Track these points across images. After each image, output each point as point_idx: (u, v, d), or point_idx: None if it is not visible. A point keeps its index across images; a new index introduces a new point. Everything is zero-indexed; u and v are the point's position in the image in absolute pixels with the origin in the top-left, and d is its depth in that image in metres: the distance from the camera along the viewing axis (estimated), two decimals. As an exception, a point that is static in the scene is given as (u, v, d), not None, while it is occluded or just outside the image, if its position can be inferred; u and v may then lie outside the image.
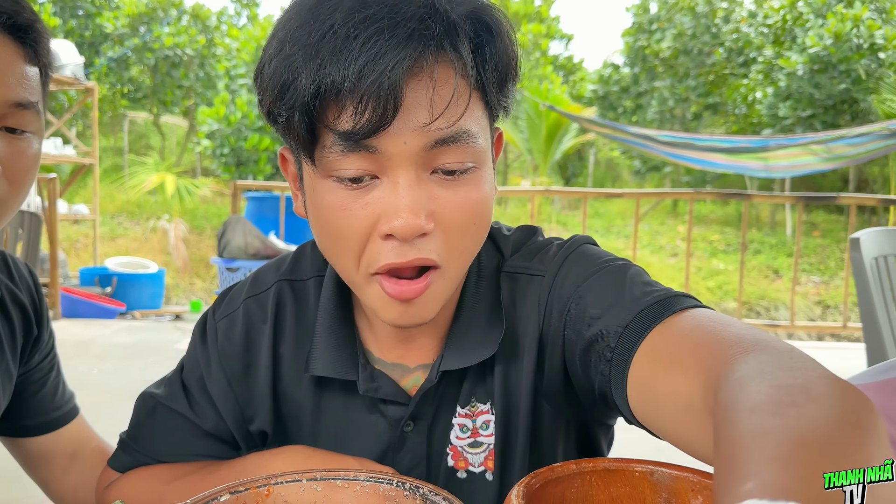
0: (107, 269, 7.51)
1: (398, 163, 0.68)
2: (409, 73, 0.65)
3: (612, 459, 0.68)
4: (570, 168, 15.66)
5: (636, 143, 6.29)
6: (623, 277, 0.78)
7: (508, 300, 0.85)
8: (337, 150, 0.68)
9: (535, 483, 0.63)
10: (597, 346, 0.75)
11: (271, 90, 0.69)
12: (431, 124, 0.66)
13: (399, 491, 0.62)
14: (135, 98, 14.92)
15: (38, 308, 1.10)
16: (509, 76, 0.73)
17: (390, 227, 0.68)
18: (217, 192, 13.58)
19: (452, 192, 0.70)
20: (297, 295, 0.90)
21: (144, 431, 0.90)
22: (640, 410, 0.71)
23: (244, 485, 0.62)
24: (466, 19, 0.68)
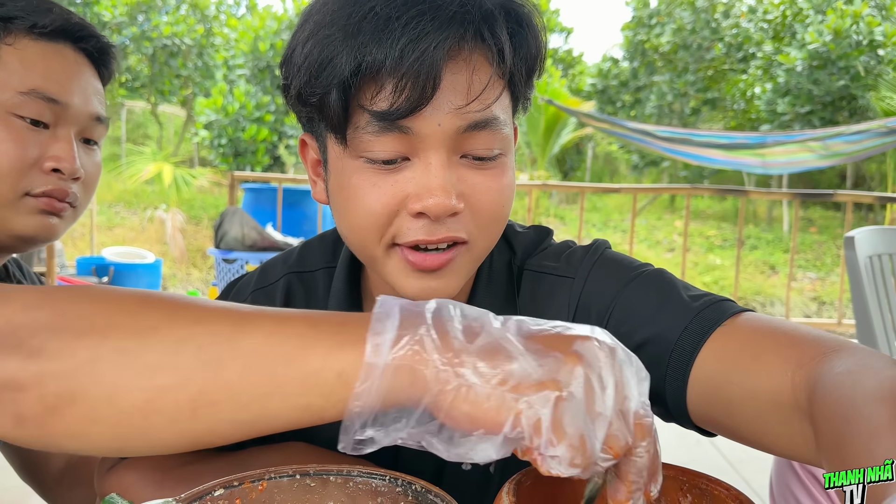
0: (104, 258, 7.50)
1: (431, 144, 0.70)
2: (448, 56, 0.67)
3: None
4: (568, 162, 15.64)
5: (634, 138, 6.30)
6: (666, 283, 0.81)
7: (530, 298, 0.87)
8: (371, 131, 0.69)
9: (527, 480, 0.64)
10: (648, 349, 0.77)
11: (305, 70, 0.70)
12: (466, 107, 0.68)
13: (391, 487, 0.63)
14: (132, 87, 14.85)
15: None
16: (535, 68, 0.75)
17: (423, 206, 0.70)
18: (214, 183, 13.56)
19: (482, 176, 0.73)
20: (305, 286, 0.92)
21: None
22: (703, 410, 0.73)
23: (238, 479, 0.62)
24: (500, 8, 0.70)
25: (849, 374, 0.56)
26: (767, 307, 10.45)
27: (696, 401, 0.73)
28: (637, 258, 0.90)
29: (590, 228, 12.91)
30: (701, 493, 0.63)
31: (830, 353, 0.61)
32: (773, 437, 0.66)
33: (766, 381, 0.65)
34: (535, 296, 0.87)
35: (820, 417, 0.55)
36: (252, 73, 12.84)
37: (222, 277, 5.11)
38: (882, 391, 0.51)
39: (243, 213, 4.86)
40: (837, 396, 0.54)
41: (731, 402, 0.69)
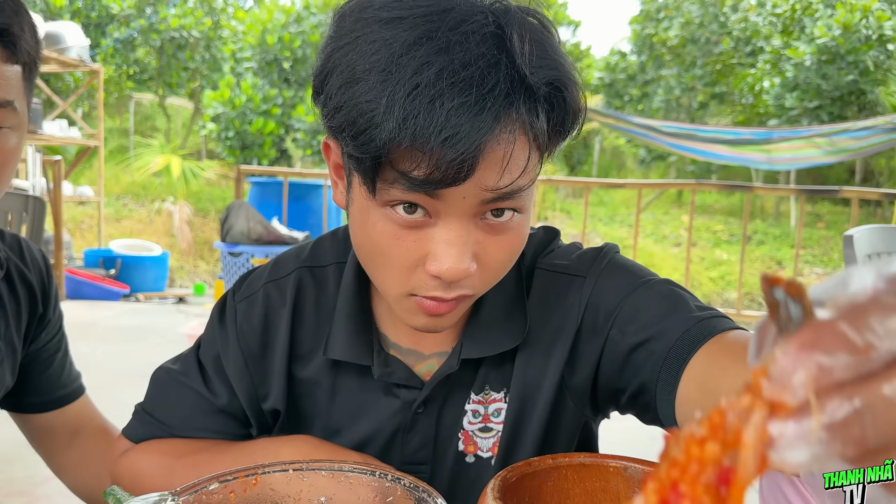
0: (111, 251, 7.54)
1: (454, 212, 0.70)
2: (488, 141, 0.66)
3: (587, 455, 0.71)
4: (575, 156, 15.60)
5: (640, 133, 6.28)
6: (674, 292, 0.85)
7: (541, 295, 0.89)
8: (399, 188, 0.69)
9: (512, 477, 0.66)
10: (648, 345, 0.80)
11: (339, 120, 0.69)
12: (496, 188, 0.68)
13: (381, 481, 0.65)
14: (140, 79, 14.89)
15: (45, 289, 1.14)
16: (570, 132, 0.75)
17: (439, 271, 0.71)
18: (222, 176, 13.59)
19: (498, 238, 0.74)
20: (317, 281, 0.93)
21: (159, 404, 0.94)
22: (691, 408, 0.74)
23: (232, 474, 0.64)
24: (545, 85, 0.68)
25: None
26: (774, 302, 10.40)
27: (685, 400, 0.75)
28: (643, 253, 0.93)
29: (596, 223, 12.89)
30: (681, 490, 0.65)
31: None
32: None
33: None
34: (546, 294, 0.89)
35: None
36: (259, 66, 12.85)
37: (228, 271, 5.13)
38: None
39: (249, 207, 4.88)
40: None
41: (720, 391, 0.70)
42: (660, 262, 10.78)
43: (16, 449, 2.50)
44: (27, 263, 1.12)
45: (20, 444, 1.26)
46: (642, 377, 0.81)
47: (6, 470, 2.48)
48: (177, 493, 0.61)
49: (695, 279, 10.26)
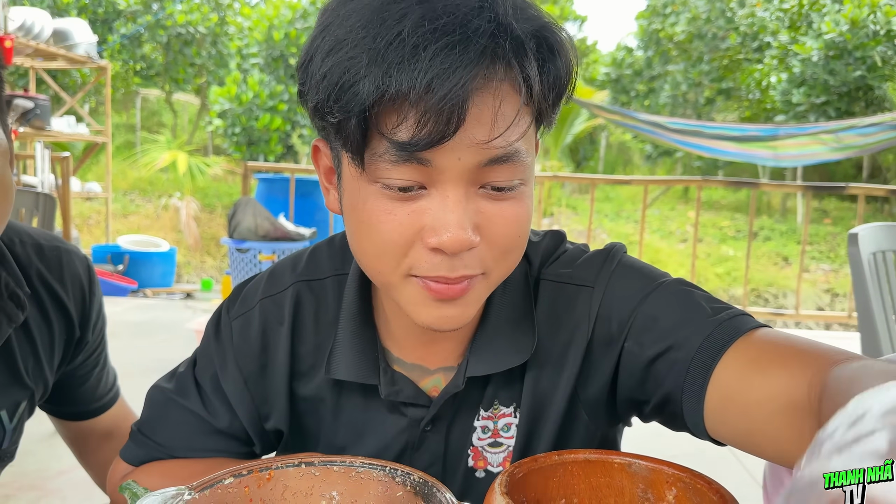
0: (119, 247, 7.59)
1: (449, 177, 0.67)
2: (475, 90, 0.64)
3: (592, 451, 0.72)
4: (581, 152, 15.59)
5: (645, 129, 6.28)
6: (687, 294, 0.81)
7: (549, 308, 0.85)
8: (389, 159, 0.67)
9: (518, 473, 0.67)
10: (669, 356, 0.77)
11: (325, 89, 0.67)
12: (489, 143, 0.66)
13: (391, 477, 0.66)
14: (147, 75, 14.94)
15: (86, 309, 1.09)
16: (564, 94, 0.72)
17: (438, 242, 0.68)
18: (228, 171, 13.63)
19: (499, 208, 0.71)
20: (315, 294, 0.89)
21: (157, 426, 0.90)
22: (719, 415, 0.73)
23: (247, 468, 0.66)
24: (532, 37, 0.67)
25: (859, 367, 0.58)
26: (780, 298, 10.41)
27: (713, 405, 0.73)
28: (649, 249, 0.90)
29: (602, 219, 12.88)
30: (685, 486, 0.66)
31: (847, 360, 0.62)
32: (785, 440, 0.66)
33: (786, 384, 0.66)
34: (554, 306, 0.85)
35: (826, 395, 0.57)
36: (266, 62, 12.86)
37: (236, 267, 5.16)
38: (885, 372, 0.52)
39: (256, 203, 4.91)
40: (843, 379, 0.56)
41: (747, 404, 0.70)
42: (666, 258, 10.77)
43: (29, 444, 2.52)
44: (66, 284, 1.06)
45: (33, 440, 1.27)
46: (666, 388, 0.78)
47: (19, 463, 2.50)
48: (193, 488, 0.62)
49: (701, 275, 10.25)
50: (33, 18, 6.66)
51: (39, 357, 1.04)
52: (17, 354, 1.00)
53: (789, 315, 5.74)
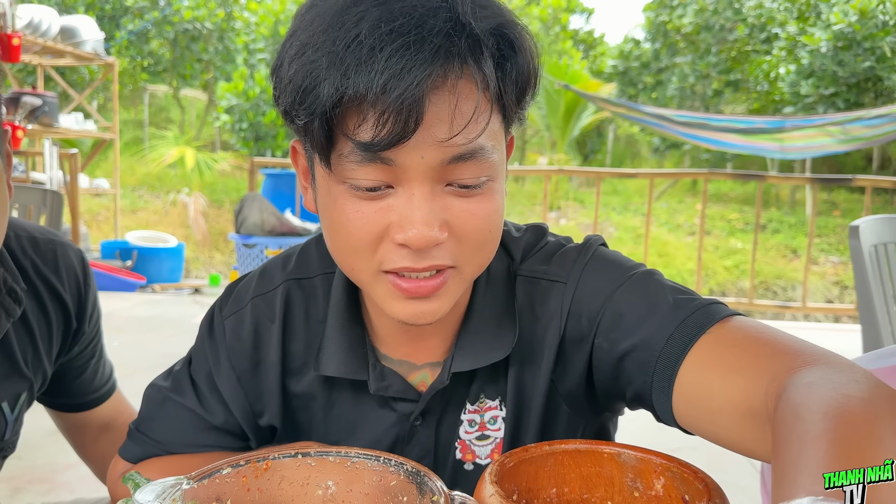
0: (127, 242, 7.63)
1: (414, 176, 0.68)
2: (432, 87, 0.65)
3: (582, 441, 0.73)
4: (588, 145, 15.55)
5: (651, 122, 6.26)
6: (653, 286, 0.81)
7: (525, 304, 0.86)
8: (354, 160, 0.68)
9: (510, 462, 0.68)
10: (635, 355, 0.78)
11: (291, 92, 0.69)
12: (450, 140, 0.67)
13: (384, 467, 0.68)
14: (154, 71, 14.99)
15: (82, 301, 1.10)
16: (528, 90, 0.73)
17: (405, 238, 0.69)
18: (236, 167, 13.67)
19: (467, 204, 0.71)
20: (305, 293, 0.91)
21: (155, 423, 0.92)
22: (687, 415, 0.74)
23: (245, 458, 0.67)
24: (490, 35, 0.68)
25: (808, 387, 0.58)
26: (789, 291, 10.38)
27: (681, 406, 0.74)
28: (657, 242, 0.89)
29: (610, 212, 12.86)
30: (672, 475, 0.68)
31: (805, 366, 0.63)
32: (751, 443, 0.68)
33: (744, 391, 0.67)
34: (530, 301, 0.86)
35: (774, 425, 0.58)
36: (272, 57, 12.88)
37: (243, 262, 5.19)
38: (825, 405, 0.54)
39: (262, 198, 4.93)
40: (790, 406, 0.56)
41: (711, 410, 0.71)
42: (674, 250, 10.74)
43: (38, 438, 2.56)
44: (61, 276, 1.08)
45: (42, 434, 1.28)
46: (635, 386, 0.79)
47: (28, 458, 2.54)
48: (191, 478, 0.64)
49: (710, 268, 10.22)
50: (41, 16, 6.69)
51: (38, 348, 1.05)
52: (15, 347, 1.02)
53: (797, 308, 5.72)
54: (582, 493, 0.72)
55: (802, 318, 7.80)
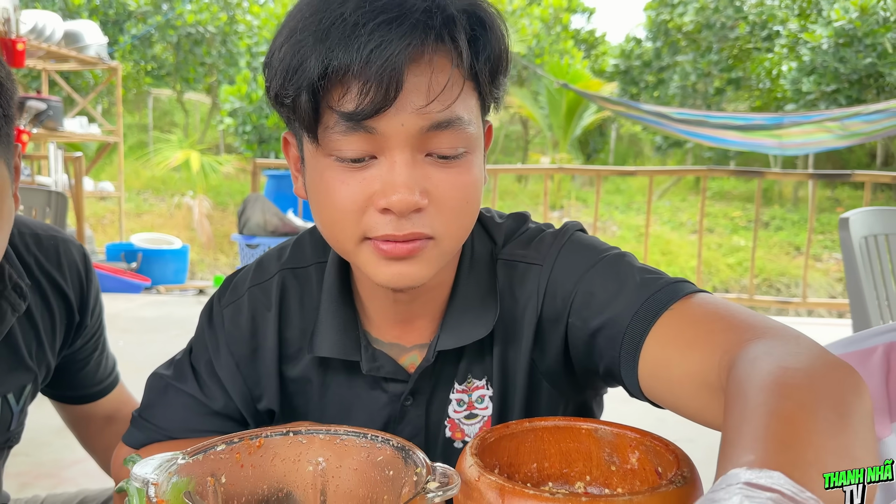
0: (132, 244, 7.67)
1: (395, 143, 0.73)
2: (410, 60, 0.70)
3: (561, 418, 0.76)
4: (591, 144, 15.56)
5: (651, 120, 6.29)
6: (623, 267, 0.85)
7: (506, 286, 0.90)
8: (339, 131, 0.73)
9: (491, 437, 0.71)
10: (605, 331, 0.82)
11: (281, 73, 0.74)
12: (427, 107, 0.72)
13: (372, 443, 0.71)
14: (158, 75, 15.06)
15: (84, 295, 1.13)
16: (500, 69, 0.78)
17: (387, 202, 0.73)
18: (240, 170, 13.72)
19: (445, 173, 0.76)
20: (299, 281, 0.95)
21: (157, 410, 0.95)
22: (652, 388, 0.78)
23: (238, 436, 0.71)
24: (463, 13, 0.74)
25: (753, 361, 0.61)
26: (792, 288, 10.37)
27: (646, 380, 0.78)
28: (659, 240, 0.92)
29: (613, 211, 12.87)
30: (646, 448, 0.71)
31: (754, 340, 0.66)
32: (709, 413, 0.71)
33: (699, 364, 0.71)
34: (510, 283, 0.90)
35: (724, 399, 0.61)
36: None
37: (246, 262, 5.22)
38: (764, 379, 0.57)
39: (265, 199, 4.97)
40: (735, 381, 0.60)
41: (672, 382, 0.75)
42: (677, 248, 10.75)
43: (45, 434, 2.60)
44: (63, 271, 1.11)
45: (49, 431, 1.31)
46: (606, 361, 0.83)
47: (35, 454, 2.59)
48: (187, 454, 0.67)
49: (713, 266, 10.23)
50: (45, 21, 6.75)
51: (42, 342, 1.08)
52: (20, 341, 1.05)
53: (797, 303, 5.74)
54: (561, 467, 0.75)
55: (805, 314, 7.81)
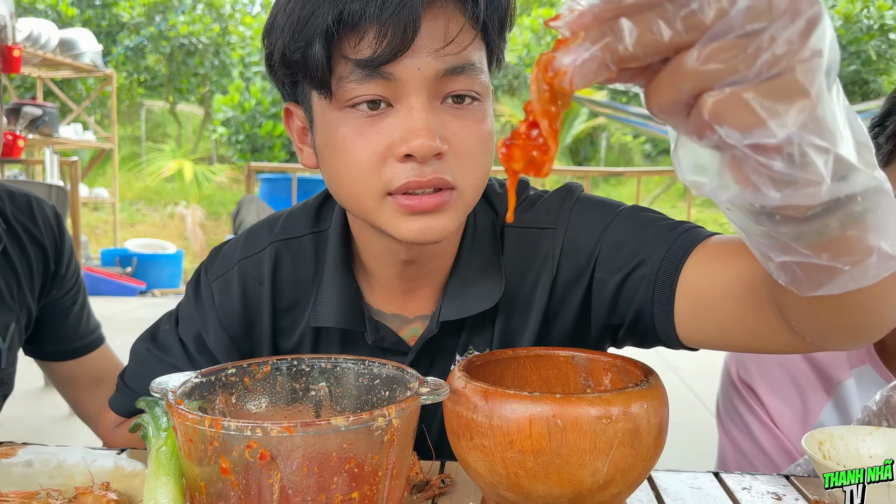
0: (127, 250, 7.72)
1: (412, 88, 0.72)
2: (425, 5, 0.70)
3: (541, 348, 0.83)
4: (581, 152, 15.67)
5: (636, 122, 6.40)
6: (643, 216, 0.87)
7: (514, 254, 0.90)
8: (354, 79, 0.72)
9: (478, 361, 0.78)
10: (636, 274, 0.82)
11: (289, 28, 0.73)
12: (444, 49, 0.72)
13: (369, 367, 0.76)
14: (151, 86, 15.11)
15: (58, 246, 1.21)
16: (507, 22, 0.79)
17: (409, 148, 0.72)
18: (233, 179, 13.76)
19: (462, 121, 0.76)
20: (292, 252, 0.94)
21: (144, 380, 0.92)
22: (690, 317, 0.77)
23: (247, 362, 0.77)
24: None
25: None
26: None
27: (683, 310, 0.78)
28: None
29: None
30: (618, 370, 0.78)
31: None
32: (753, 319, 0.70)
33: (746, 265, 0.70)
34: (520, 251, 0.90)
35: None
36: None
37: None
38: None
39: (259, 200, 5.04)
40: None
41: (715, 296, 0.74)
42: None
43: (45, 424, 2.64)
44: (38, 223, 1.17)
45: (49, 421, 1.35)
46: (636, 304, 0.82)
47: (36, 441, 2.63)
48: (201, 373, 0.73)
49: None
50: (40, 29, 6.82)
51: (21, 285, 1.15)
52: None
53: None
54: (542, 391, 0.82)
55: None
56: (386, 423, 0.61)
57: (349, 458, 0.60)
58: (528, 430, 0.63)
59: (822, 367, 1.07)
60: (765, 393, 1.08)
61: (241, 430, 0.58)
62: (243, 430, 0.58)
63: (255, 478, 0.59)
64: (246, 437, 0.58)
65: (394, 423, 0.62)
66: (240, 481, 0.60)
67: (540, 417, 0.63)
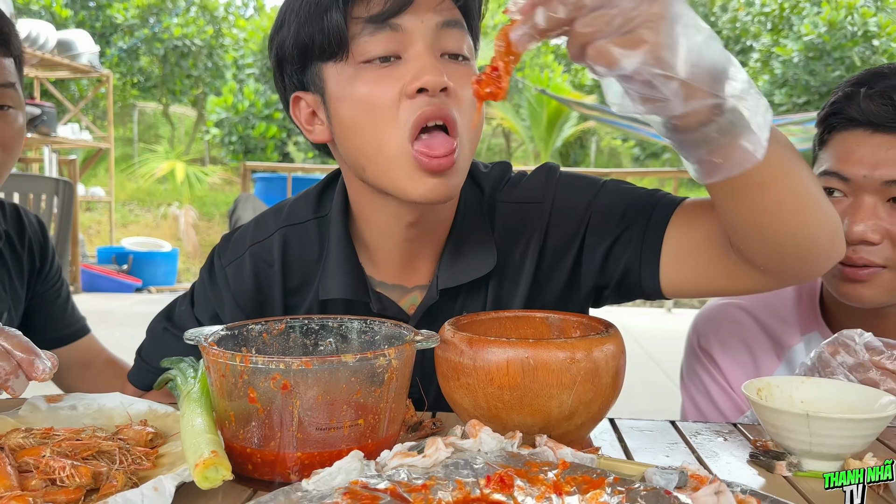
0: (123, 247, 7.78)
1: (417, 37, 0.86)
2: None
3: (520, 311, 0.94)
4: (571, 156, 15.78)
5: (622, 124, 6.53)
6: (624, 187, 0.99)
7: (505, 227, 1.00)
8: (367, 33, 0.85)
9: (464, 320, 0.90)
10: (624, 235, 0.94)
11: (303, 12, 0.87)
12: (441, 4, 0.87)
13: (370, 325, 0.87)
14: (145, 88, 15.12)
15: (43, 247, 1.38)
16: (481, 4, 0.95)
17: (421, 82, 0.84)
18: (226, 180, 13.80)
19: (458, 70, 0.88)
20: (298, 236, 1.03)
21: (161, 356, 0.99)
22: (675, 267, 0.92)
23: (265, 320, 0.87)
24: None
25: None
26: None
27: (668, 261, 0.92)
28: None
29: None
30: (584, 326, 0.89)
31: None
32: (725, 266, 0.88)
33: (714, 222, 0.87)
34: (509, 224, 1.00)
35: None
36: (261, 72, 13.06)
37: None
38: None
39: (256, 199, 5.12)
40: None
41: (698, 244, 0.90)
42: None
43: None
44: (25, 228, 1.35)
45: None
46: (624, 264, 0.95)
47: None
48: (226, 328, 0.84)
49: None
50: (38, 29, 6.88)
51: (13, 279, 1.31)
52: None
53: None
54: (520, 348, 0.94)
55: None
56: (387, 363, 0.73)
57: (356, 389, 0.72)
58: (505, 369, 0.75)
59: (775, 333, 1.19)
60: (722, 358, 1.20)
61: (266, 364, 0.70)
62: (269, 364, 0.70)
63: (277, 406, 0.71)
64: (270, 371, 0.70)
65: (393, 363, 0.73)
66: (265, 408, 0.71)
67: (516, 359, 0.75)
